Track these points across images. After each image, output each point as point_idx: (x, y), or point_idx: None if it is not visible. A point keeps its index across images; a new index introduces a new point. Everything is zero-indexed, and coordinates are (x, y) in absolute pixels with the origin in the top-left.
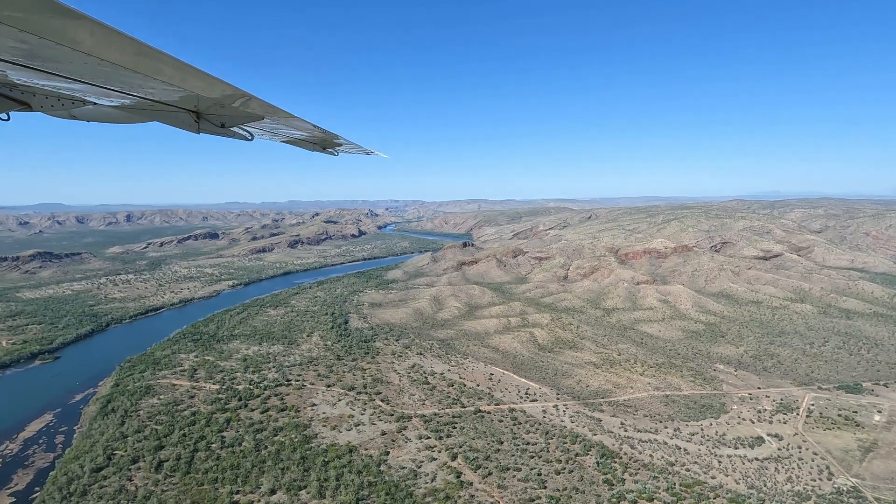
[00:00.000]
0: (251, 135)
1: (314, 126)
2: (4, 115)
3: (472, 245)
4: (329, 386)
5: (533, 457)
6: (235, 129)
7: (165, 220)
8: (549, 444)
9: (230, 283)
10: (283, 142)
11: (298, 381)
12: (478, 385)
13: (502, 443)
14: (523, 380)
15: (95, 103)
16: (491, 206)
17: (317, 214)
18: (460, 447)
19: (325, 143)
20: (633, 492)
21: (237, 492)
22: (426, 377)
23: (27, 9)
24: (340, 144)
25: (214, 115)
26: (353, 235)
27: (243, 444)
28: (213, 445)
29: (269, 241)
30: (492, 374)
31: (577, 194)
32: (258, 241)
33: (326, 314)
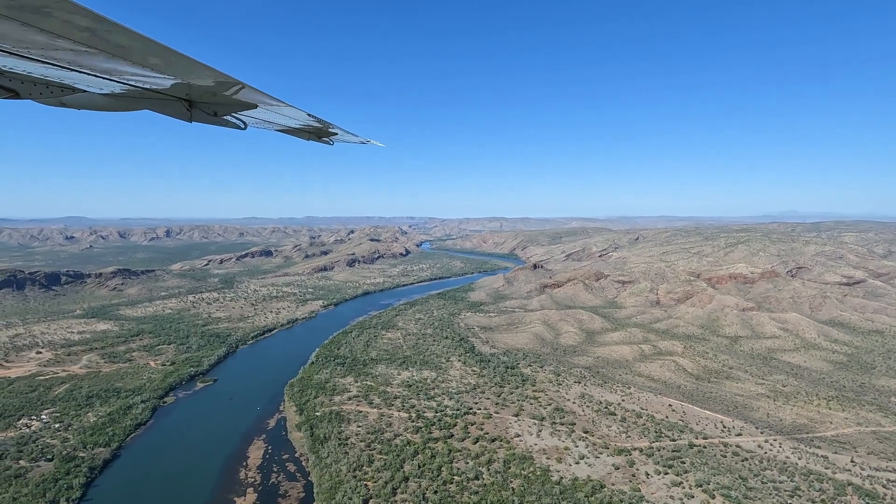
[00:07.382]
0: (244, 124)
1: (308, 115)
2: None
3: (542, 267)
4: (515, 415)
5: (792, 496)
6: (228, 117)
7: (204, 235)
8: (795, 482)
9: (321, 303)
10: (278, 131)
11: (480, 409)
12: (666, 417)
13: (746, 479)
14: (707, 412)
15: (86, 91)
16: (512, 225)
17: (352, 232)
18: (707, 483)
19: (320, 132)
20: None
21: None
22: (607, 407)
23: None
24: (335, 134)
25: (206, 103)
26: (402, 254)
27: (484, 476)
28: (457, 478)
29: (326, 259)
30: (671, 405)
31: (591, 213)
32: (312, 259)
33: (446, 338)
